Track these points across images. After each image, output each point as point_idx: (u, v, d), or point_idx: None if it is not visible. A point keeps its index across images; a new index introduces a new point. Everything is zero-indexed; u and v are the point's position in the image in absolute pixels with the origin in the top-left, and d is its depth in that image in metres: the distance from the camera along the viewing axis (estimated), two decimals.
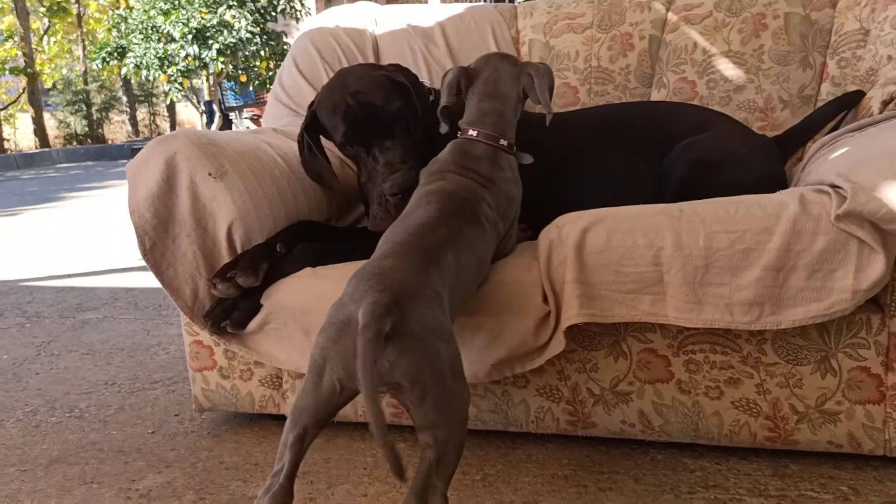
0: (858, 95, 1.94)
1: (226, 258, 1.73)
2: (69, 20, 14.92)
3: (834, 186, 1.45)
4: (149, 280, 3.54)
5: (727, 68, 2.12)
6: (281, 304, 1.67)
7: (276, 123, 2.32)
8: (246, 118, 10.07)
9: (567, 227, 1.51)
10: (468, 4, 2.47)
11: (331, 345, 1.19)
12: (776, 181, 1.77)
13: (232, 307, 1.69)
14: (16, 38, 13.12)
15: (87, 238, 4.89)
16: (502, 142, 1.61)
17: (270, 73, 9.29)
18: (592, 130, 1.93)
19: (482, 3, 2.53)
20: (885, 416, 1.50)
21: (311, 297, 1.63)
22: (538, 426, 1.68)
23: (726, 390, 1.56)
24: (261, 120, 10.60)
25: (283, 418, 1.86)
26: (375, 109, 1.71)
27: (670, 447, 1.67)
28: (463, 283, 1.40)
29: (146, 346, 2.58)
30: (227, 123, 9.88)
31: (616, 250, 1.48)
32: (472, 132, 1.61)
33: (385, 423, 1.07)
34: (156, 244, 1.71)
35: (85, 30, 15.01)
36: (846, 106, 1.94)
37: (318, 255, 1.72)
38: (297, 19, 9.36)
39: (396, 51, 2.37)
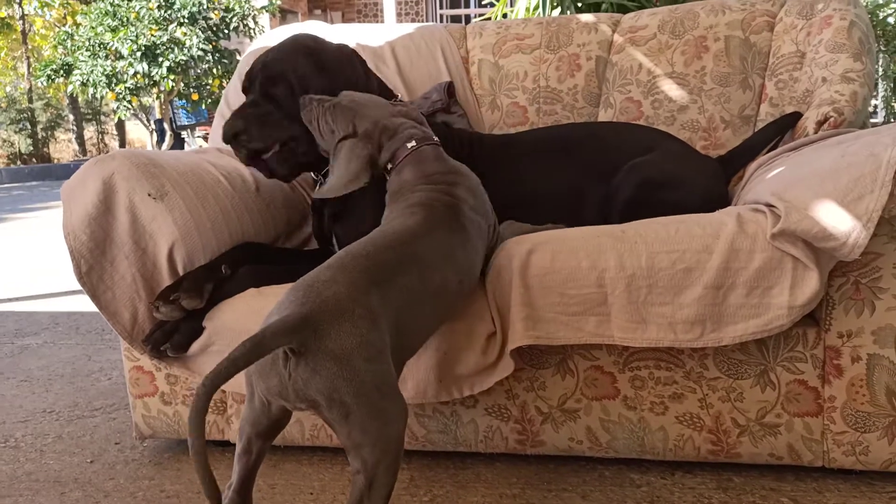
0: (796, 117, 2.00)
1: (167, 280, 1.69)
2: (13, 37, 14.57)
3: (769, 206, 1.48)
4: (91, 304, 3.45)
5: (671, 89, 2.17)
6: (224, 325, 1.64)
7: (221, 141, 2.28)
8: (198, 136, 9.92)
9: (513, 250, 1.52)
10: (419, 24, 2.48)
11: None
12: (720, 200, 1.81)
13: (172, 330, 1.65)
14: None
15: (27, 261, 4.74)
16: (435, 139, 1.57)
17: (223, 92, 9.20)
18: (541, 151, 1.95)
19: (432, 23, 2.54)
20: (823, 427, 1.53)
21: (254, 318, 1.60)
22: (487, 446, 1.67)
23: (670, 405, 1.58)
24: None
25: (227, 444, 1.82)
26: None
27: (618, 463, 1.68)
28: (431, 300, 1.34)
29: (87, 372, 2.50)
30: (178, 142, 9.72)
31: (560, 272, 1.49)
32: (409, 144, 1.53)
33: (203, 443, 1.09)
34: (92, 267, 1.67)
35: (30, 46, 14.65)
36: (785, 128, 2.00)
37: (263, 276, 1.69)
38: (251, 37, 9.30)
39: None
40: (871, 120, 2.84)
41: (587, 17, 2.33)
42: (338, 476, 1.68)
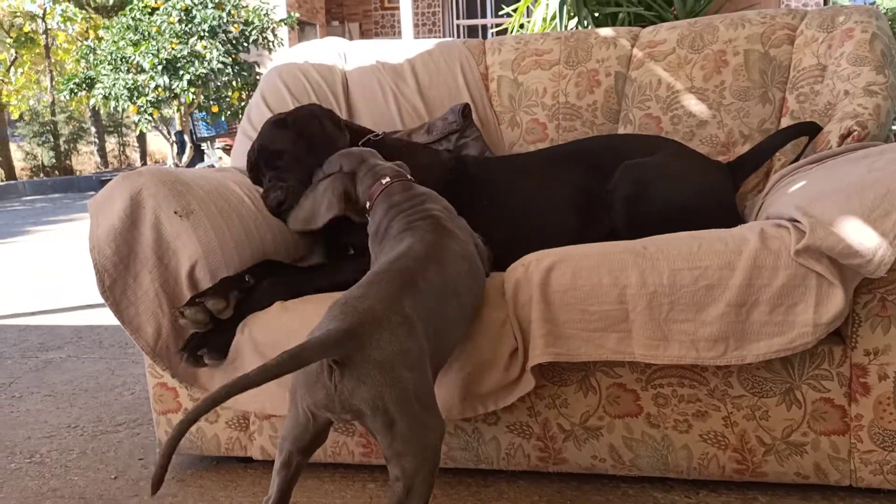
0: (809, 126, 1.99)
1: (188, 297, 1.70)
2: (36, 51, 14.79)
3: (793, 221, 1.47)
4: (114, 318, 3.49)
5: (690, 104, 2.16)
6: (251, 338, 1.65)
7: (243, 158, 2.31)
8: (218, 148, 10.01)
9: (532, 266, 1.52)
10: (437, 40, 2.49)
11: (299, 374, 1.22)
12: (720, 199, 1.86)
13: (203, 342, 1.67)
14: None
15: (51, 274, 4.80)
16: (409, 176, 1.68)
17: (242, 104, 9.25)
18: (545, 166, 2.02)
19: (451, 39, 2.55)
20: (850, 446, 1.51)
21: (282, 332, 1.62)
22: (509, 463, 1.67)
23: (694, 423, 1.57)
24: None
25: (250, 461, 1.83)
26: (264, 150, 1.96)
27: (641, 481, 1.67)
28: (455, 299, 1.40)
29: (110, 387, 2.53)
30: (198, 154, 9.81)
31: (581, 289, 1.49)
32: (383, 181, 1.64)
33: (173, 449, 1.17)
34: (116, 281, 1.69)
35: (53, 60, 14.88)
36: (796, 135, 2.00)
37: (288, 287, 1.72)
38: (270, 49, 9.38)
39: (366, 87, 2.38)
40: None
41: (606, 32, 2.33)
42: (359, 493, 1.68)
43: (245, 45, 9.19)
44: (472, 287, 1.50)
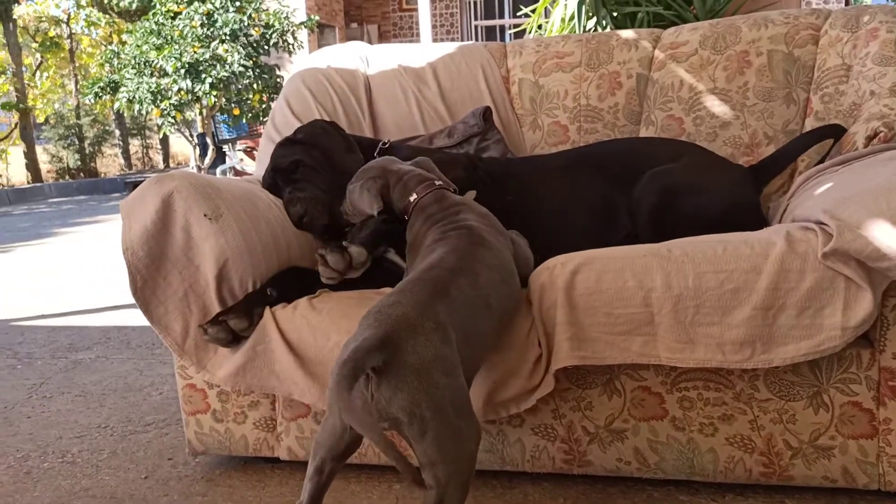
0: (833, 129, 1.98)
1: (215, 299, 1.73)
2: (61, 55, 15.01)
3: (820, 223, 1.47)
4: (141, 318, 3.53)
5: (713, 105, 2.15)
6: (276, 335, 1.68)
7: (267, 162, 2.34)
8: (239, 150, 10.11)
9: (556, 270, 1.53)
10: (459, 44, 2.51)
11: (335, 385, 1.20)
12: (747, 206, 1.85)
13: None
14: (8, 74, 13.18)
15: (78, 275, 4.87)
16: (438, 182, 1.67)
17: (263, 106, 9.34)
18: (568, 168, 2.01)
19: (472, 42, 2.57)
20: (879, 450, 1.50)
21: (307, 330, 1.65)
22: (534, 465, 1.67)
23: (720, 427, 1.56)
24: (254, 152, 10.64)
25: (277, 461, 1.85)
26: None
27: (666, 484, 1.67)
28: (485, 308, 1.40)
29: (139, 387, 2.57)
30: (220, 156, 9.91)
31: (606, 292, 1.49)
32: (411, 197, 1.64)
33: (394, 448, 1.13)
34: (147, 282, 1.72)
35: (77, 64, 15.08)
36: (821, 138, 1.99)
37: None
38: (290, 52, 9.45)
39: (388, 91, 2.40)
40: None
41: (627, 34, 2.33)
42: (385, 494, 1.70)
43: (266, 48, 9.27)
44: (506, 297, 1.49)
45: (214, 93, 8.66)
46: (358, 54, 2.52)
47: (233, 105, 9.15)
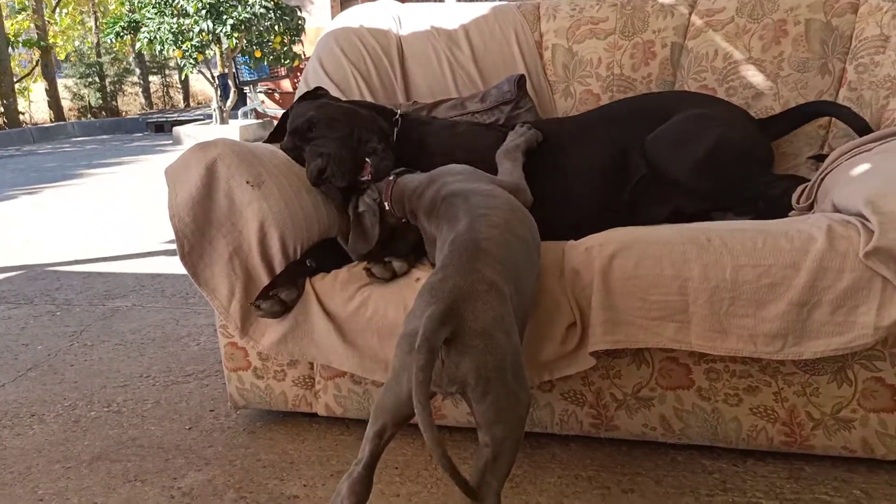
0: (857, 120, 1.96)
1: (259, 262, 1.78)
2: None
3: (861, 217, 1.47)
4: (173, 267, 3.62)
5: (748, 75, 2.14)
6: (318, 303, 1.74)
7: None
8: (260, 92, 10.08)
9: (595, 251, 1.57)
10: (492, 4, 2.48)
11: (405, 356, 1.26)
12: (758, 142, 1.94)
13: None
14: (28, 11, 13.08)
15: (108, 219, 4.96)
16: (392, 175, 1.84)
17: (284, 48, 9.27)
18: (581, 129, 2.06)
19: (505, 2, 2.54)
20: None
21: (350, 304, 1.70)
22: (562, 428, 1.75)
23: (745, 398, 1.62)
24: (276, 94, 10.55)
25: (315, 416, 1.94)
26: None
27: (689, 448, 1.74)
28: (523, 253, 1.47)
29: (176, 337, 2.66)
30: (241, 98, 9.89)
31: (643, 278, 1.53)
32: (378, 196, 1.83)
33: (440, 439, 1.16)
34: (193, 247, 1.77)
35: (96, 1, 14.94)
36: (821, 114, 2.06)
37: None
38: None
39: (421, 53, 2.40)
40: None
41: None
42: (420, 451, 1.78)
43: None
44: (525, 223, 1.56)
45: (236, 34, 8.59)
46: (390, 14, 2.51)
47: (254, 47, 9.07)
